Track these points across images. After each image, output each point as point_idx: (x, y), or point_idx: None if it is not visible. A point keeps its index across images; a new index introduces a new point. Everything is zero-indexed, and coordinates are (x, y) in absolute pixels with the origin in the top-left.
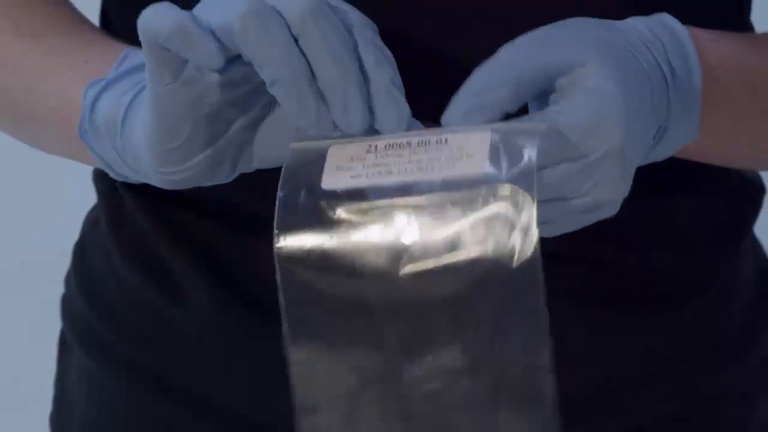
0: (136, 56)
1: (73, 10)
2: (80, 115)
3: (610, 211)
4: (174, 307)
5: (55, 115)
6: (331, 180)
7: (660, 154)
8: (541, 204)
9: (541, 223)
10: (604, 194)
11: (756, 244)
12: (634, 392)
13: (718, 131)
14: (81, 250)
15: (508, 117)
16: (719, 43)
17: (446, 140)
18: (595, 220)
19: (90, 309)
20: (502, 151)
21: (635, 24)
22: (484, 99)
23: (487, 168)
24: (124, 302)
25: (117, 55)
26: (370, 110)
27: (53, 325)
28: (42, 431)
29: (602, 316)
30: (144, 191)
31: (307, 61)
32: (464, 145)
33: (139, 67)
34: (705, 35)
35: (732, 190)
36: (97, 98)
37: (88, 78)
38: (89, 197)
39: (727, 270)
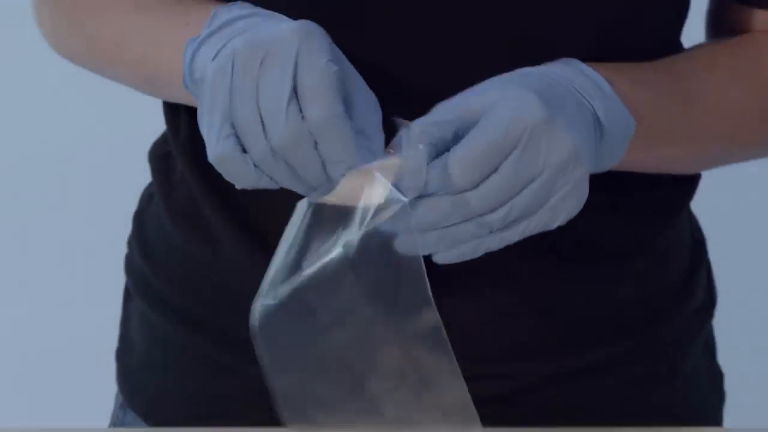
0: (223, 13)
1: None
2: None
3: (579, 179)
4: (214, 260)
5: (170, 77)
6: None
7: (610, 152)
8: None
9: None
10: (555, 155)
11: (692, 219)
12: (589, 336)
13: (648, 136)
14: (138, 219)
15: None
16: (616, 70)
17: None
18: (578, 198)
19: (146, 266)
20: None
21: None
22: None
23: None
24: (173, 259)
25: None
26: None
27: (119, 277)
28: (109, 364)
29: (561, 274)
30: (197, 158)
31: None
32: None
33: (226, 24)
34: (602, 66)
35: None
36: (193, 56)
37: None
38: (145, 177)
39: (667, 237)
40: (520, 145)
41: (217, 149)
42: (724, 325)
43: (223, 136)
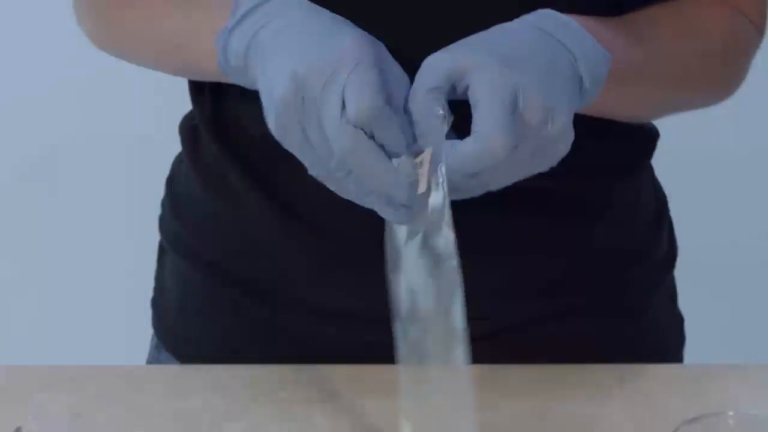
0: (244, 2)
1: None
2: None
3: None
4: (238, 219)
5: (208, 62)
6: None
7: (591, 87)
8: None
9: None
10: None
11: (655, 180)
12: (564, 282)
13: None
14: (171, 183)
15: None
16: (582, 17)
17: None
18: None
19: (178, 224)
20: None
21: (523, 18)
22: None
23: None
24: (201, 218)
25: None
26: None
27: (153, 236)
28: (145, 311)
29: (538, 226)
30: (221, 128)
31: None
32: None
33: (248, 13)
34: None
35: (631, 133)
36: (225, 47)
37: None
38: (175, 147)
39: (631, 194)
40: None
41: (312, 171)
42: (685, 275)
43: (308, 163)
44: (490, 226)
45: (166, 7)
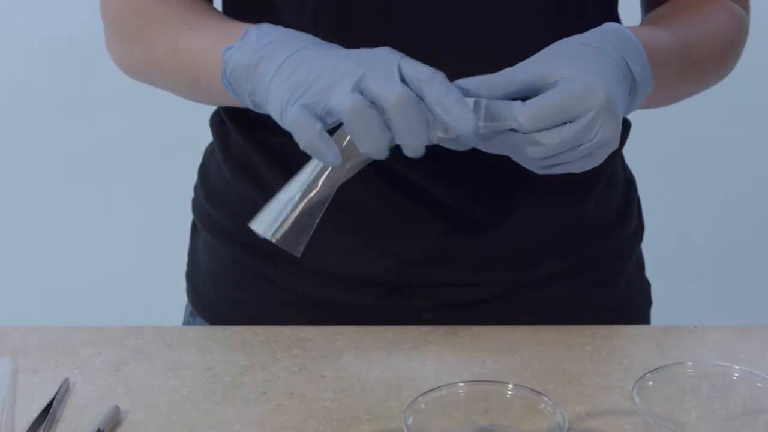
0: (253, 30)
1: (211, 5)
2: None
3: (614, 145)
4: (262, 198)
5: (213, 78)
6: None
7: (636, 105)
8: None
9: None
10: (605, 134)
11: (625, 164)
12: (552, 252)
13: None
14: (203, 169)
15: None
16: (639, 32)
17: None
18: (606, 154)
19: (209, 205)
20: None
21: (593, 33)
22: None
23: None
24: (230, 198)
25: (241, 31)
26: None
27: (187, 216)
28: (180, 282)
29: (532, 207)
30: (245, 123)
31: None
32: None
33: (251, 39)
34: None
35: None
36: (227, 62)
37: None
38: (207, 138)
39: (606, 177)
40: (583, 117)
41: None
42: (651, 247)
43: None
44: (495, 209)
45: (185, 32)
